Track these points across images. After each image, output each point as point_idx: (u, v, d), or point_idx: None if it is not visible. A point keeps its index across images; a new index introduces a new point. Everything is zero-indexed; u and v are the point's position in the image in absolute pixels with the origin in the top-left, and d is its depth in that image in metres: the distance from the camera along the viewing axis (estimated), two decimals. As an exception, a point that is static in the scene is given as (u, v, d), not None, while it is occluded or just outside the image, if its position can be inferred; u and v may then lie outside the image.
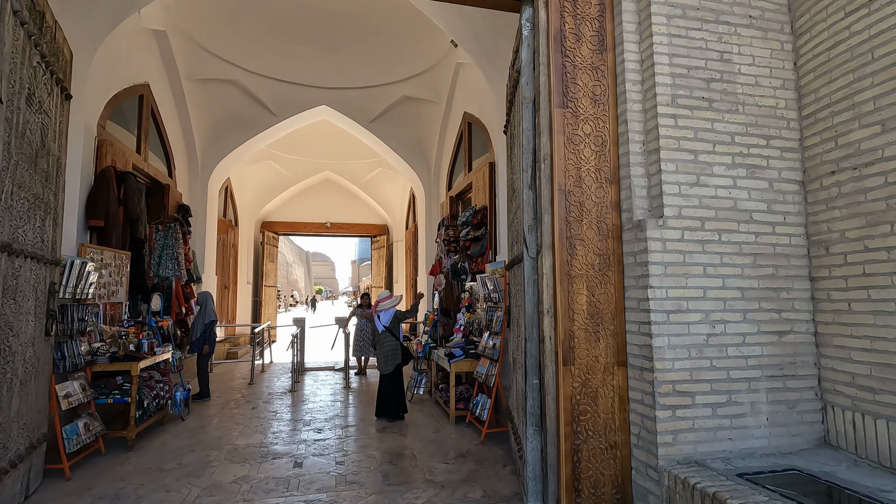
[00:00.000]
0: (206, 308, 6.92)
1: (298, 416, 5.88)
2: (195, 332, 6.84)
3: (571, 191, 3.25)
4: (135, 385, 4.66)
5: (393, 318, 5.73)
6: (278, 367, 9.68)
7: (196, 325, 6.86)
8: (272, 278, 14.10)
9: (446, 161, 9.16)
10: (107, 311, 5.14)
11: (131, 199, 5.75)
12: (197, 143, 8.67)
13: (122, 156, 5.98)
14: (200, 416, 5.85)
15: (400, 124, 9.58)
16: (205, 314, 6.88)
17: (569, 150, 3.27)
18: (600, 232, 3.25)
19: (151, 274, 7.14)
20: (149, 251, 7.17)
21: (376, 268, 15.02)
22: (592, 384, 3.14)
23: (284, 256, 42.31)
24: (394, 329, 5.72)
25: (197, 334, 6.79)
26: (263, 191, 13.15)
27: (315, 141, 12.33)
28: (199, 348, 6.78)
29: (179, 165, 8.32)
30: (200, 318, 6.86)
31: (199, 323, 6.83)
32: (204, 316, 6.87)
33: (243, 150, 9.50)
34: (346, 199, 14.52)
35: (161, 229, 7.30)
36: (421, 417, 5.78)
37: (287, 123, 9.46)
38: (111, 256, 5.27)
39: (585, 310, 3.18)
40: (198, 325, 6.84)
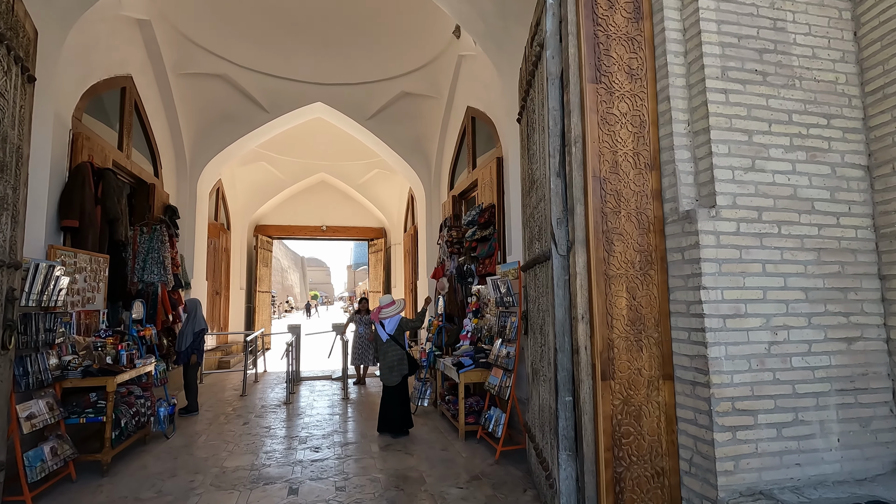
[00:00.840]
0: (195, 316, 6.42)
1: (294, 433, 5.39)
2: (183, 342, 6.32)
3: (607, 178, 2.82)
4: (110, 402, 4.17)
5: (398, 326, 5.27)
6: (273, 377, 9.18)
7: (184, 334, 6.35)
8: (266, 283, 13.59)
9: (448, 159, 8.74)
10: (81, 321, 4.66)
11: (110, 197, 5.27)
12: (185, 140, 8.19)
13: (100, 151, 5.50)
14: (186, 434, 5.35)
15: (399, 122, 9.15)
16: (194, 322, 6.38)
17: (603, 132, 2.85)
18: (640, 225, 2.82)
19: (136, 279, 6.66)
20: (133, 255, 6.68)
21: (374, 272, 14.55)
22: (635, 401, 2.70)
23: (279, 262, 41.68)
24: (399, 337, 5.27)
25: (185, 344, 6.29)
26: (256, 193, 12.66)
27: (309, 141, 11.88)
28: (186, 358, 6.27)
29: (166, 164, 7.84)
30: (189, 327, 6.35)
31: (188, 331, 6.32)
32: (193, 324, 6.37)
33: (234, 150, 9.02)
34: (341, 201, 14.06)
35: (146, 231, 6.82)
36: (427, 432, 5.31)
37: (280, 121, 9.00)
38: (86, 260, 4.78)
39: (625, 315, 2.74)
40: (186, 333, 6.33)
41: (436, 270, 8.03)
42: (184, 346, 6.23)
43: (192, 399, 6.31)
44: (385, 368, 5.27)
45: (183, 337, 6.31)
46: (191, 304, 6.53)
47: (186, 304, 6.60)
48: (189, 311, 6.45)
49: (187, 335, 6.27)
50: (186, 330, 6.31)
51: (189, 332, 6.28)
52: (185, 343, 6.20)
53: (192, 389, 6.33)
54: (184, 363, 6.24)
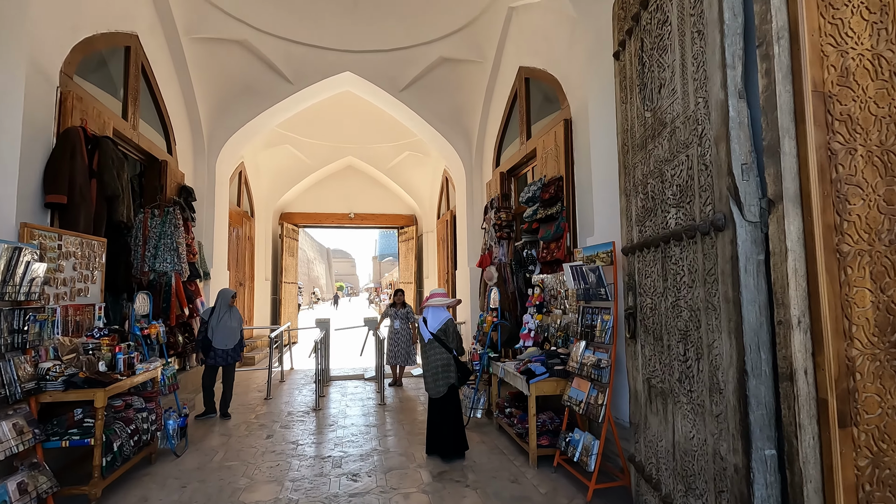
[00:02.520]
0: (229, 312, 5.77)
1: (325, 451, 4.45)
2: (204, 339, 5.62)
3: (834, 95, 1.70)
4: (100, 421, 3.29)
5: (444, 325, 4.24)
6: (300, 376, 8.32)
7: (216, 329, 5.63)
8: (292, 274, 12.79)
9: (493, 132, 7.63)
10: (70, 318, 3.79)
11: (108, 170, 4.38)
12: (202, 115, 7.31)
13: (97, 116, 4.61)
14: (201, 450, 4.47)
15: (436, 92, 8.08)
16: (230, 317, 5.74)
17: (825, 20, 1.73)
18: (887, 171, 1.71)
19: (146, 268, 5.81)
20: (143, 240, 5.83)
21: (404, 262, 13.59)
22: (892, 463, 1.61)
23: (305, 253, 41.32)
24: (445, 338, 4.24)
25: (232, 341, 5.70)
26: (281, 178, 11.82)
27: (335, 122, 10.96)
28: (231, 358, 5.72)
29: (181, 141, 6.97)
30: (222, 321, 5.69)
31: (222, 326, 5.64)
32: (229, 318, 5.72)
33: (256, 126, 8.11)
34: (370, 187, 13.12)
35: (157, 214, 5.96)
36: (486, 455, 4.30)
37: (306, 94, 8.03)
38: (75, 243, 3.90)
39: (871, 318, 1.64)
40: (218, 328, 5.62)
41: (482, 258, 6.98)
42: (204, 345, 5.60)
43: (210, 402, 5.68)
44: (428, 375, 4.27)
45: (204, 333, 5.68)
46: (223, 296, 5.83)
47: (218, 295, 5.87)
48: (219, 303, 5.76)
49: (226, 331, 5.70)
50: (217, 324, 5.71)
51: (223, 328, 5.66)
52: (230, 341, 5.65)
53: (210, 393, 5.66)
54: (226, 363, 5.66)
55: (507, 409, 4.72)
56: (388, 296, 33.28)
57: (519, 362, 4.42)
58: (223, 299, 5.75)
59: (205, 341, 5.56)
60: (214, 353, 5.55)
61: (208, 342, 5.55)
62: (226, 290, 5.89)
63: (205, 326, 5.61)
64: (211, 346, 5.54)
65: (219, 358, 5.58)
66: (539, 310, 4.96)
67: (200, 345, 5.56)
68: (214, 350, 5.55)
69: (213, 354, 5.55)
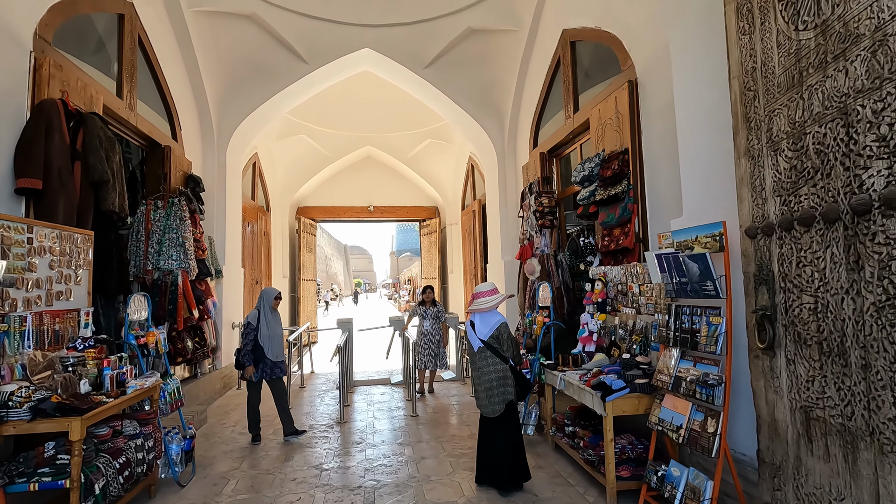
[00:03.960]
0: (273, 316, 4.89)
1: (354, 479, 3.72)
2: None
3: None
4: (76, 457, 2.59)
5: (496, 330, 3.44)
6: (321, 381, 7.63)
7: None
8: (310, 271, 12.14)
9: (529, 108, 6.79)
10: (46, 327, 3.11)
11: (94, 151, 3.69)
12: (209, 97, 6.62)
13: (82, 90, 3.92)
14: (209, 478, 3.78)
15: (464, 68, 7.26)
16: (276, 321, 4.90)
17: None
18: None
19: (150, 267, 5.16)
20: (145, 235, 5.17)
21: (427, 256, 12.83)
22: None
23: (323, 250, 40.91)
24: (499, 344, 3.45)
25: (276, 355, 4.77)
26: (297, 171, 11.14)
27: (353, 110, 10.24)
28: (282, 371, 4.85)
29: (187, 126, 6.29)
30: None
31: (272, 333, 4.79)
32: (276, 323, 4.89)
33: (269, 111, 7.40)
34: (389, 178, 12.38)
35: (161, 206, 5.30)
36: (548, 485, 3.51)
37: (321, 74, 7.29)
38: (52, 236, 3.21)
39: None
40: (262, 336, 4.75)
41: (522, 250, 6.17)
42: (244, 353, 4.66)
43: (283, 420, 4.80)
44: (481, 390, 3.49)
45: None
46: (265, 295, 4.92)
47: (261, 294, 4.97)
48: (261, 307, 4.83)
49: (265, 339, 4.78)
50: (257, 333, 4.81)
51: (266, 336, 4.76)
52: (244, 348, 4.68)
53: (281, 411, 4.81)
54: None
55: (569, 427, 3.92)
56: (408, 292, 32.49)
57: (585, 372, 3.61)
58: (266, 300, 4.82)
59: (256, 351, 4.63)
60: (264, 365, 4.67)
61: (261, 352, 4.64)
62: (269, 289, 4.95)
63: (253, 333, 4.66)
64: (264, 356, 4.66)
65: (268, 371, 4.68)
66: (601, 308, 4.14)
67: (249, 356, 4.59)
68: (265, 361, 4.66)
69: (262, 367, 4.66)
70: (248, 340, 4.63)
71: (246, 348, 4.61)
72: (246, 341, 4.63)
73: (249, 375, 4.61)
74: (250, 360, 4.60)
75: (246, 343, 4.62)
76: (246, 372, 4.61)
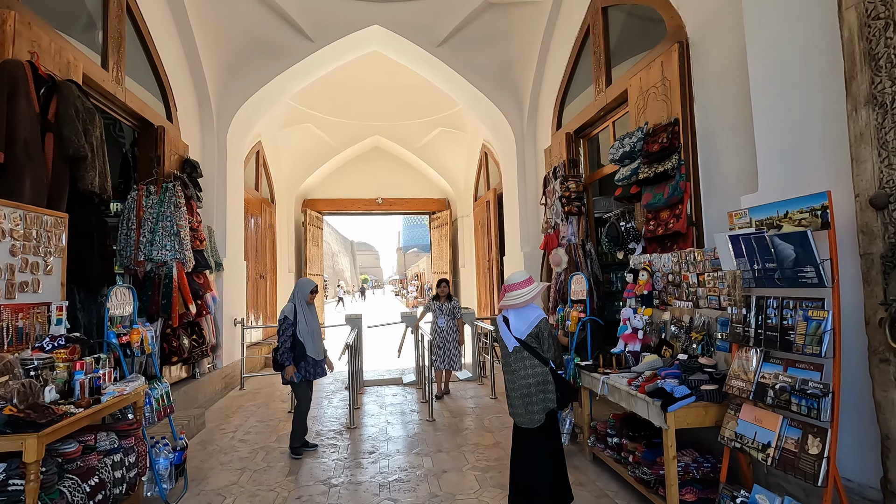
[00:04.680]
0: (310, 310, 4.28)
1: (366, 499, 3.23)
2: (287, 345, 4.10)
3: None
4: (32, 483, 2.11)
5: (536, 327, 2.92)
6: (328, 380, 7.15)
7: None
8: (317, 265, 11.66)
9: (552, 87, 6.24)
10: (5, 323, 2.62)
11: (69, 122, 3.20)
12: (208, 76, 6.12)
13: (57, 55, 3.43)
14: (202, 495, 3.30)
15: (480, 45, 6.72)
16: (308, 316, 4.24)
17: None
18: None
19: (141, 257, 4.69)
20: (137, 223, 4.71)
21: (437, 250, 12.32)
22: None
23: (329, 245, 40.50)
24: (538, 344, 2.93)
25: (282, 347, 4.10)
26: (302, 162, 10.65)
27: (360, 98, 9.73)
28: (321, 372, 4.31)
29: (184, 108, 5.80)
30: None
31: (311, 329, 4.20)
32: (313, 319, 4.28)
33: (272, 93, 6.90)
34: (398, 169, 11.86)
35: (154, 191, 4.82)
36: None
37: (327, 54, 6.78)
38: (14, 217, 2.71)
39: None
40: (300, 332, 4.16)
41: (546, 240, 5.64)
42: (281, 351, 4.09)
43: (296, 431, 4.11)
44: (516, 397, 2.97)
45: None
46: (301, 286, 4.28)
47: (298, 284, 4.34)
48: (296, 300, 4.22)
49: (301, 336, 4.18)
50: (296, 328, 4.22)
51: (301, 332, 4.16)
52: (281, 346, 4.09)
53: (297, 418, 4.15)
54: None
55: (613, 438, 3.40)
56: (416, 288, 31.85)
57: (635, 376, 3.09)
58: (301, 293, 4.19)
59: (297, 349, 4.06)
60: (306, 363, 4.10)
61: (301, 349, 4.07)
62: (305, 280, 4.32)
63: (290, 328, 4.06)
64: (305, 353, 4.10)
65: (310, 370, 4.12)
66: (646, 302, 3.61)
67: (289, 354, 4.01)
68: (306, 360, 4.10)
69: (303, 366, 4.09)
70: (287, 337, 4.04)
71: (284, 346, 4.02)
72: (284, 338, 4.03)
73: (290, 376, 4.02)
74: (290, 359, 4.01)
75: (284, 340, 4.03)
76: (286, 373, 4.02)
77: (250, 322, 7.97)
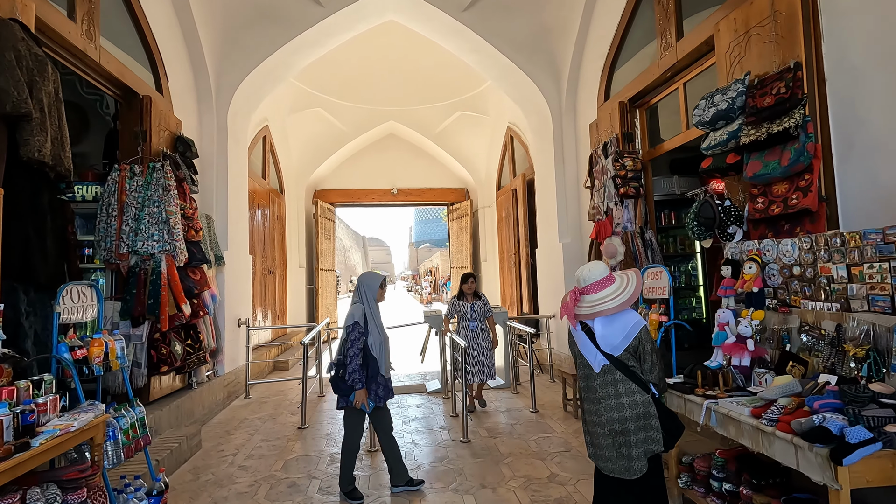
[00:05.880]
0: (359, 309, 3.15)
1: (399, 561, 2.42)
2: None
3: None
4: None
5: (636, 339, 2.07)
6: (343, 386, 6.36)
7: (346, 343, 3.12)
8: (329, 260, 10.92)
9: (599, 50, 5.36)
10: None
11: (6, 70, 2.42)
12: (205, 45, 5.34)
13: (-2, -12, 2.65)
14: (186, 553, 2.53)
15: (512, 9, 5.85)
16: (379, 320, 3.19)
17: None
18: None
19: (124, 249, 3.94)
20: (118, 209, 3.96)
21: (456, 243, 11.50)
22: None
23: (341, 241, 39.89)
24: (638, 361, 2.10)
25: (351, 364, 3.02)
26: (313, 149, 9.89)
27: (374, 80, 8.97)
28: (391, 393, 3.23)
29: (177, 79, 5.03)
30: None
31: (383, 338, 3.18)
32: (380, 323, 3.19)
33: (278, 67, 6.11)
34: (414, 157, 11.06)
35: (139, 172, 4.06)
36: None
37: (339, 21, 5.96)
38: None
39: None
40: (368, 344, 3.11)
41: (599, 227, 4.78)
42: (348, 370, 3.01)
43: (345, 472, 3.15)
44: (602, 434, 2.14)
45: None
46: (364, 282, 3.21)
47: (359, 282, 3.24)
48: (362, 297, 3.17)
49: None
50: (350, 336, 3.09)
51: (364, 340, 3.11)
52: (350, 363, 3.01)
53: (390, 452, 3.22)
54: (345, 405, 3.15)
55: (722, 482, 2.55)
56: (430, 283, 30.95)
57: (761, 403, 2.23)
58: (369, 290, 3.14)
59: (371, 364, 3.04)
60: (376, 385, 3.08)
61: (374, 366, 3.04)
62: (371, 275, 3.25)
63: (362, 338, 3.02)
64: (377, 372, 3.07)
65: (381, 393, 3.09)
66: (755, 303, 2.75)
67: (361, 373, 2.97)
68: (377, 380, 3.07)
69: (373, 389, 3.07)
70: (357, 350, 2.99)
71: (354, 361, 2.97)
72: (353, 351, 2.98)
73: (362, 403, 3.01)
74: (363, 380, 3.00)
75: (354, 354, 2.97)
76: (356, 398, 2.99)
77: (257, 322, 7.23)
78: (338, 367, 3.10)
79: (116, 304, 3.96)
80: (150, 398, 4.03)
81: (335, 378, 3.11)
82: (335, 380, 3.11)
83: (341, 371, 3.05)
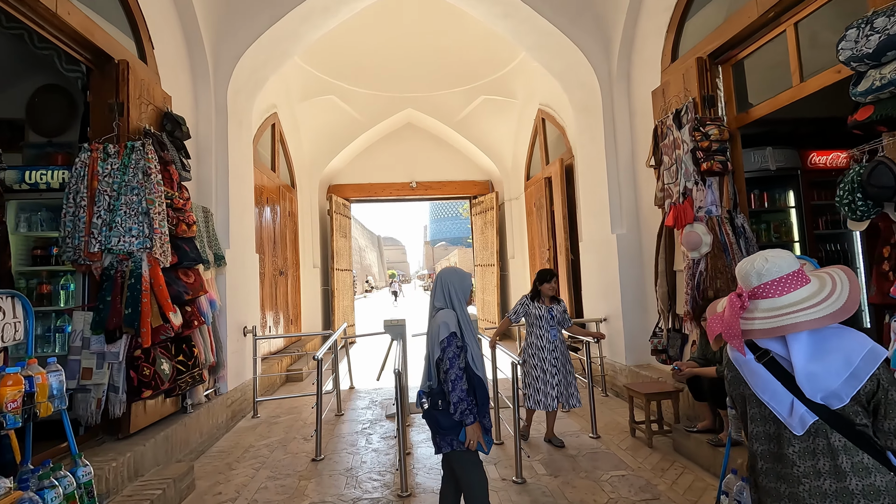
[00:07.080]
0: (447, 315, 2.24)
1: None
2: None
3: None
4: None
5: (873, 378, 1.21)
6: (363, 402, 5.57)
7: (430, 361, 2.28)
8: (345, 259, 10.15)
9: (663, 2, 4.43)
10: None
11: None
12: (198, 9, 4.56)
13: None
14: None
15: (553, -40, 4.96)
16: (471, 327, 2.28)
17: None
18: None
19: (96, 247, 3.19)
20: (89, 197, 3.22)
21: (480, 239, 10.64)
22: None
23: (357, 241, 39.28)
24: (868, 417, 1.23)
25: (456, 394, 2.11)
26: (326, 139, 9.11)
27: (390, 64, 8.19)
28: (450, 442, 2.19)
29: (165, 47, 4.25)
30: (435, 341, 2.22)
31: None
32: (475, 334, 2.33)
33: (285, 39, 5.31)
34: (434, 149, 10.23)
35: (114, 153, 3.30)
36: None
37: (353, -16, 5.13)
38: None
39: None
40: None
41: (676, 212, 3.86)
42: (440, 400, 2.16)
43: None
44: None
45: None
46: (445, 279, 2.32)
47: (437, 278, 2.36)
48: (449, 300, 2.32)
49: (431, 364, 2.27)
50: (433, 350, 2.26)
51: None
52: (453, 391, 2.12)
53: None
54: None
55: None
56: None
57: None
58: (461, 292, 2.30)
59: (479, 388, 2.15)
60: (487, 418, 2.21)
61: (483, 392, 2.16)
62: (457, 273, 2.36)
63: (462, 353, 2.16)
64: (486, 398, 2.19)
65: (487, 423, 2.20)
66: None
67: (471, 404, 2.11)
68: (486, 413, 2.20)
69: (486, 420, 2.20)
70: (461, 370, 2.13)
71: (459, 386, 2.10)
72: (455, 372, 2.11)
73: (476, 441, 2.11)
74: (474, 411, 2.12)
75: (457, 375, 2.11)
76: (469, 437, 2.10)
77: (267, 329, 6.47)
78: (433, 396, 2.18)
79: (89, 314, 3.21)
80: (130, 430, 3.26)
81: (429, 413, 2.18)
82: (430, 415, 2.18)
83: (440, 401, 2.14)
